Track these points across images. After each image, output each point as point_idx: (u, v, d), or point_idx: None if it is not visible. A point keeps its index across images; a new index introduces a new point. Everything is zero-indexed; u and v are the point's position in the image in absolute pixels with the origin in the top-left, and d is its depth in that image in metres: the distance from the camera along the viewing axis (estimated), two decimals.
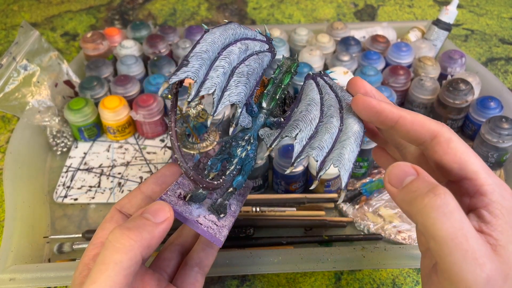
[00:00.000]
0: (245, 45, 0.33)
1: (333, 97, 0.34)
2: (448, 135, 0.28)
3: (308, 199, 0.54)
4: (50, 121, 0.61)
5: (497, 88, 0.66)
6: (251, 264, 0.44)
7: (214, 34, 0.32)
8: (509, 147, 0.56)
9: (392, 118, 0.30)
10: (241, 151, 0.34)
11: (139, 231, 0.27)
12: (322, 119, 0.33)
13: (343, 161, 0.31)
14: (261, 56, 0.34)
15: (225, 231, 0.34)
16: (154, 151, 0.63)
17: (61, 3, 1.01)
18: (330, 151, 0.32)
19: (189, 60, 0.30)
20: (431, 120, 0.29)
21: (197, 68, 0.30)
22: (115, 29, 0.77)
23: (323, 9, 0.99)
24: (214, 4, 1.00)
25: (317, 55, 0.69)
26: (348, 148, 0.32)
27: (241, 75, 0.33)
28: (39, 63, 0.62)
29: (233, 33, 0.33)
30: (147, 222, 0.28)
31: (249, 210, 0.53)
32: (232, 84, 0.32)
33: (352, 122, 0.33)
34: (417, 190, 0.25)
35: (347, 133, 0.32)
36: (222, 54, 0.32)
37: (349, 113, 0.33)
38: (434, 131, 0.28)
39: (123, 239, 0.26)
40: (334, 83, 0.36)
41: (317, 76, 0.36)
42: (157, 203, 0.30)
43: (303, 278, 0.48)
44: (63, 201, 0.56)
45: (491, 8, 0.98)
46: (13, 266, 0.44)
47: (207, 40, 0.31)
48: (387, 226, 0.53)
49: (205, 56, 0.31)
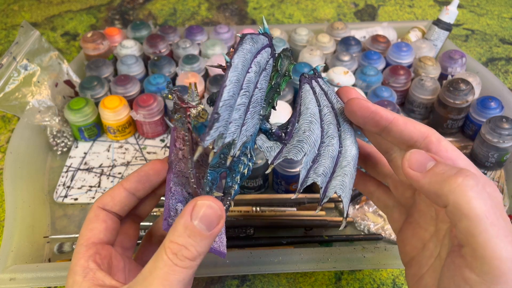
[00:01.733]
0: (257, 65, 0.30)
1: (330, 111, 0.34)
2: (438, 136, 0.30)
3: (308, 199, 0.54)
4: (50, 121, 0.61)
5: (498, 88, 0.66)
6: (251, 264, 0.44)
7: (237, 68, 0.28)
8: (510, 147, 0.56)
9: (387, 118, 0.31)
10: (243, 167, 0.32)
11: (197, 250, 0.26)
12: (323, 139, 0.33)
13: (345, 189, 0.31)
14: (268, 68, 0.32)
15: (224, 238, 0.33)
16: (154, 151, 0.63)
17: (62, 3, 1.01)
18: (331, 176, 0.32)
19: (219, 113, 0.26)
20: (421, 123, 0.31)
21: (227, 119, 0.27)
22: (116, 29, 0.77)
23: (323, 9, 0.99)
24: (214, 4, 1.00)
25: (317, 55, 0.69)
26: (349, 175, 0.32)
27: (256, 104, 0.30)
28: (39, 63, 0.62)
29: (250, 57, 0.29)
30: (203, 237, 0.26)
31: (249, 210, 0.53)
32: (248, 116, 0.30)
33: (350, 144, 0.33)
34: (445, 172, 0.26)
35: (346, 158, 0.32)
36: (243, 88, 0.28)
37: (346, 132, 0.34)
38: (425, 132, 0.30)
39: (185, 262, 0.26)
40: (329, 88, 0.35)
41: (312, 79, 0.35)
42: (207, 206, 0.26)
43: (303, 278, 0.48)
44: (63, 201, 0.56)
45: (492, 8, 0.98)
46: (13, 266, 0.44)
47: (233, 81, 0.27)
48: (387, 226, 0.53)
49: (232, 101, 0.27)
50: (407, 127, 0.30)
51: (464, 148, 0.63)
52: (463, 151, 0.63)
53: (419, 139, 0.30)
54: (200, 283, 0.48)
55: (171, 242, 0.26)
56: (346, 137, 0.33)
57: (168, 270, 0.26)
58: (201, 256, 0.27)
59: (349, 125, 0.34)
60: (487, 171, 0.59)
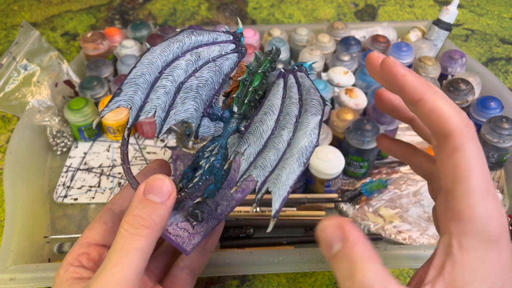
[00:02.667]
0: (195, 55, 0.32)
1: (294, 101, 0.32)
2: (460, 141, 0.26)
3: (308, 199, 0.54)
4: (50, 121, 0.61)
5: (498, 88, 0.66)
6: (251, 264, 0.44)
7: (154, 52, 0.31)
8: (510, 147, 0.56)
9: (413, 98, 0.27)
10: (205, 162, 0.33)
11: (152, 218, 0.28)
12: (274, 131, 0.31)
13: (278, 184, 0.28)
14: (220, 61, 0.33)
15: (196, 239, 0.33)
16: (154, 151, 0.63)
17: (61, 3, 1.00)
18: (273, 170, 0.29)
19: (122, 89, 0.30)
20: (454, 113, 0.26)
21: (131, 95, 0.30)
22: (115, 29, 0.77)
23: (323, 9, 0.99)
24: (214, 4, 1.00)
25: (318, 55, 0.69)
26: (288, 169, 0.29)
27: (189, 90, 0.32)
28: (39, 63, 0.62)
29: (179, 45, 0.32)
30: (156, 206, 0.28)
31: (249, 210, 0.53)
32: (178, 101, 0.31)
33: (302, 135, 0.30)
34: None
35: (291, 150, 0.29)
36: (164, 72, 0.31)
37: (303, 123, 0.31)
38: (449, 130, 0.26)
39: (140, 230, 0.27)
40: (307, 82, 0.33)
41: (289, 73, 0.33)
42: (157, 178, 0.29)
43: (303, 278, 0.48)
44: (63, 201, 0.56)
45: (492, 8, 0.97)
46: (13, 266, 0.44)
47: (144, 62, 0.30)
48: (387, 226, 0.53)
49: (141, 80, 0.30)
50: (431, 116, 0.26)
51: None
52: None
53: (439, 136, 0.27)
54: (200, 283, 0.48)
55: (126, 216, 0.28)
56: (301, 127, 0.30)
57: (125, 241, 0.27)
58: (157, 227, 0.28)
59: (312, 115, 0.31)
60: None
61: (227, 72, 0.33)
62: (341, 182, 0.57)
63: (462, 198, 0.25)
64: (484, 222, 0.25)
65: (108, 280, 0.26)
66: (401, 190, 0.57)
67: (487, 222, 0.25)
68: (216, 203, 0.37)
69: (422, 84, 0.27)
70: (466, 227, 0.25)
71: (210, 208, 0.37)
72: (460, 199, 0.25)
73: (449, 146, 0.26)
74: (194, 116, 0.32)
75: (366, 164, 0.57)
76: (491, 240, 0.25)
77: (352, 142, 0.55)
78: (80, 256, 0.31)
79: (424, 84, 0.27)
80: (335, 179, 0.54)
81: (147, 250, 0.27)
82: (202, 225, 0.35)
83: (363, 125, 0.54)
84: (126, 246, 0.27)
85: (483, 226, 0.25)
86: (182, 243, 0.33)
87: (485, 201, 0.25)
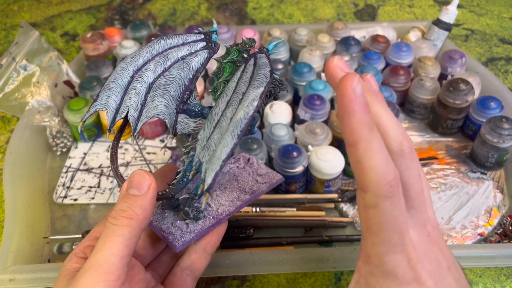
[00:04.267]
0: (164, 57, 0.34)
1: (245, 81, 0.32)
2: (375, 201, 0.25)
3: (308, 200, 0.54)
4: (50, 121, 0.61)
5: (498, 88, 0.66)
6: (251, 265, 0.44)
7: (125, 60, 0.33)
8: (510, 147, 0.56)
9: (349, 141, 0.25)
10: (186, 157, 0.35)
11: (132, 209, 0.30)
12: (224, 111, 0.31)
13: (213, 159, 0.29)
14: (188, 58, 0.34)
15: (188, 237, 0.34)
16: (154, 151, 0.63)
17: (61, 3, 1.00)
18: (216, 148, 0.30)
19: (99, 94, 0.33)
20: (379, 171, 0.24)
21: (105, 99, 0.32)
22: (115, 29, 0.77)
23: (323, 9, 0.99)
24: (214, 4, 1.00)
25: (317, 55, 0.69)
26: (222, 143, 0.29)
27: (157, 88, 0.33)
28: (38, 63, 0.62)
29: (149, 50, 0.34)
30: (136, 198, 0.31)
31: (249, 210, 0.53)
32: (148, 100, 0.33)
33: (240, 108, 0.29)
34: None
35: (228, 125, 0.30)
36: (135, 75, 0.33)
37: (244, 96, 0.30)
38: (368, 187, 0.25)
39: (121, 220, 0.30)
40: (262, 60, 0.33)
41: (251, 57, 0.34)
42: (136, 173, 0.32)
43: (303, 279, 0.48)
44: (63, 201, 0.56)
45: (492, 8, 0.97)
46: (13, 266, 0.44)
47: (117, 70, 0.33)
48: None
49: (113, 85, 0.33)
50: (355, 165, 0.25)
51: (464, 148, 0.63)
52: (463, 151, 0.63)
53: (360, 188, 0.26)
54: (200, 283, 0.48)
55: (111, 211, 0.31)
56: (242, 101, 0.30)
57: (107, 231, 0.30)
58: (139, 217, 0.30)
59: (254, 88, 0.30)
60: (487, 171, 0.59)
61: (197, 68, 0.34)
62: (341, 182, 0.57)
63: (372, 247, 0.27)
64: (391, 270, 0.26)
65: (91, 265, 0.28)
66: None
67: (395, 270, 0.26)
68: (218, 203, 0.37)
69: (360, 130, 0.24)
70: (374, 270, 0.27)
71: (210, 207, 0.37)
72: (370, 247, 0.27)
73: (365, 201, 0.26)
74: (165, 112, 0.33)
75: None
76: (403, 282, 0.26)
77: None
78: (85, 248, 0.33)
79: (362, 129, 0.24)
80: (335, 179, 0.54)
81: (129, 237, 0.29)
82: (196, 224, 0.35)
83: None
84: (108, 234, 0.29)
85: (390, 273, 0.27)
86: (173, 239, 0.34)
87: (393, 253, 0.26)
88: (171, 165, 0.40)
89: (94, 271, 0.28)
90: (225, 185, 0.39)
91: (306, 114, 0.59)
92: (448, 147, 0.64)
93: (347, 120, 0.24)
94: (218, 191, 0.39)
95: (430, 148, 0.64)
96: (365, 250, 0.28)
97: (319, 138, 0.56)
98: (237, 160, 0.42)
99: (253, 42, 0.36)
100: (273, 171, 0.42)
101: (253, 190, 0.39)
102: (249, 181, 0.40)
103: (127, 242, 0.29)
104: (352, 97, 0.24)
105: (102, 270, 0.28)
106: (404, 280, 0.26)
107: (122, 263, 0.29)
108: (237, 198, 0.38)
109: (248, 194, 0.39)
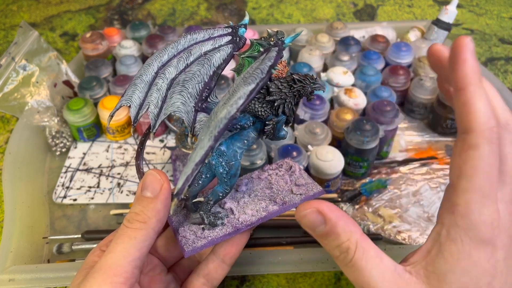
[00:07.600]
0: (187, 52, 0.33)
1: (244, 76, 0.29)
2: (476, 141, 0.26)
3: None
4: (49, 122, 0.60)
5: (497, 88, 0.65)
6: (251, 265, 0.44)
7: (152, 56, 0.33)
8: None
9: (458, 85, 0.27)
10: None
11: (144, 213, 0.30)
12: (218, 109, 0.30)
13: (189, 163, 0.27)
14: (211, 54, 0.32)
15: (200, 243, 0.33)
16: (153, 151, 0.63)
17: (60, 3, 1.00)
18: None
19: (125, 91, 0.33)
20: (483, 113, 0.26)
21: (130, 94, 0.33)
22: (114, 29, 0.77)
23: (322, 9, 0.99)
24: (213, 4, 1.00)
25: (317, 55, 0.69)
26: (200, 144, 0.27)
27: (176, 84, 0.33)
28: (38, 63, 0.62)
29: (174, 46, 0.33)
30: (148, 201, 0.31)
31: None
32: (168, 96, 0.33)
33: (224, 106, 0.27)
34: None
35: (209, 126, 0.28)
36: (159, 72, 0.33)
37: (235, 94, 0.27)
38: (471, 128, 0.26)
39: (134, 224, 0.30)
40: (270, 54, 0.29)
41: (272, 46, 0.32)
42: (149, 174, 0.31)
43: (303, 279, 0.48)
44: (62, 201, 0.56)
45: (491, 7, 0.98)
46: (13, 266, 0.44)
47: (143, 66, 0.33)
48: (387, 226, 0.53)
49: (138, 81, 0.33)
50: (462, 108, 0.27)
51: None
52: None
53: (463, 131, 0.27)
54: None
55: (128, 214, 0.31)
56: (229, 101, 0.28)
57: (122, 233, 0.30)
58: (151, 220, 0.30)
59: (245, 85, 0.27)
60: None
61: (219, 64, 0.32)
62: (340, 182, 0.57)
63: (461, 194, 0.26)
64: (476, 222, 0.26)
65: (101, 266, 0.29)
66: (400, 190, 0.57)
67: (479, 224, 0.26)
68: (242, 211, 0.35)
69: (472, 76, 0.27)
70: (458, 220, 0.26)
71: (229, 213, 0.35)
72: (459, 193, 0.26)
73: (466, 142, 0.26)
74: (182, 110, 0.32)
75: (365, 164, 0.57)
76: (480, 240, 0.26)
77: (351, 142, 0.55)
78: (109, 242, 0.33)
79: (473, 76, 0.27)
80: (334, 179, 0.54)
81: (142, 240, 0.30)
82: (212, 231, 0.33)
83: (363, 125, 0.54)
84: (121, 236, 0.30)
85: (474, 225, 0.26)
86: (184, 244, 0.33)
87: (482, 204, 0.26)
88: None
89: (103, 273, 0.28)
90: (257, 192, 0.37)
91: (305, 114, 0.59)
92: (448, 147, 0.64)
93: (460, 66, 0.27)
94: (247, 198, 0.36)
95: (429, 148, 0.64)
96: (453, 198, 0.27)
97: (319, 138, 0.56)
98: (279, 167, 0.39)
99: (281, 34, 0.32)
100: (314, 182, 0.38)
101: (284, 201, 0.36)
102: (283, 191, 0.37)
103: (139, 245, 0.30)
104: (468, 47, 0.26)
105: (111, 272, 0.28)
106: (483, 238, 0.26)
107: (132, 265, 0.29)
108: (264, 208, 0.35)
109: (278, 205, 0.35)
